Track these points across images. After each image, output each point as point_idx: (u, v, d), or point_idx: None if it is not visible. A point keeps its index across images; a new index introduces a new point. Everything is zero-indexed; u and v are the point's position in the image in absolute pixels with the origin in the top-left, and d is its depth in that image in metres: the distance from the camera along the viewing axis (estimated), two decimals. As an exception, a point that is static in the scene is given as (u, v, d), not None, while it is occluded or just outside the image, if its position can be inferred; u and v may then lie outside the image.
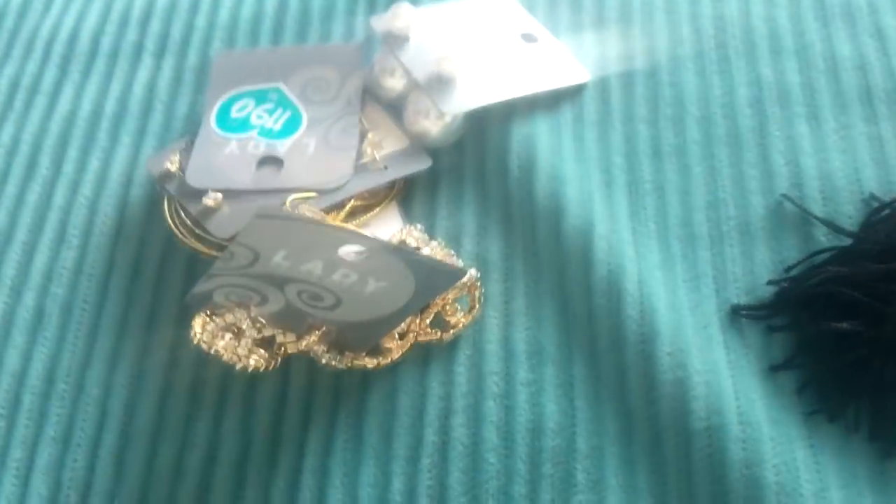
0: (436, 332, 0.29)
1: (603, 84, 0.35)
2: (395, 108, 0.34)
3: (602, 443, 0.28)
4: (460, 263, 0.30)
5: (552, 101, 0.34)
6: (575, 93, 0.34)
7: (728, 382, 0.27)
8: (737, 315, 0.29)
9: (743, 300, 0.30)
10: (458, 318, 0.30)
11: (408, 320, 0.29)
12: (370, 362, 0.29)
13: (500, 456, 0.28)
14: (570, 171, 0.32)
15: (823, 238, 0.30)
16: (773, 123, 0.33)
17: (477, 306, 0.30)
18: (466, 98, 0.32)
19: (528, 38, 0.36)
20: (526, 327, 0.30)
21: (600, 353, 0.29)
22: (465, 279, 0.29)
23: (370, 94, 0.35)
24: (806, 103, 0.33)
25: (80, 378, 0.30)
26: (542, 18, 0.37)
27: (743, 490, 0.26)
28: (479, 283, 0.30)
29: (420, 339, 0.29)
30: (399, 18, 0.33)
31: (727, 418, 0.27)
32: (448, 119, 0.32)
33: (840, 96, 0.33)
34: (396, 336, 0.29)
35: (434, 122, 0.32)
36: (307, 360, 0.30)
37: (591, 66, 0.35)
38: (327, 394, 0.29)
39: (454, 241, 0.32)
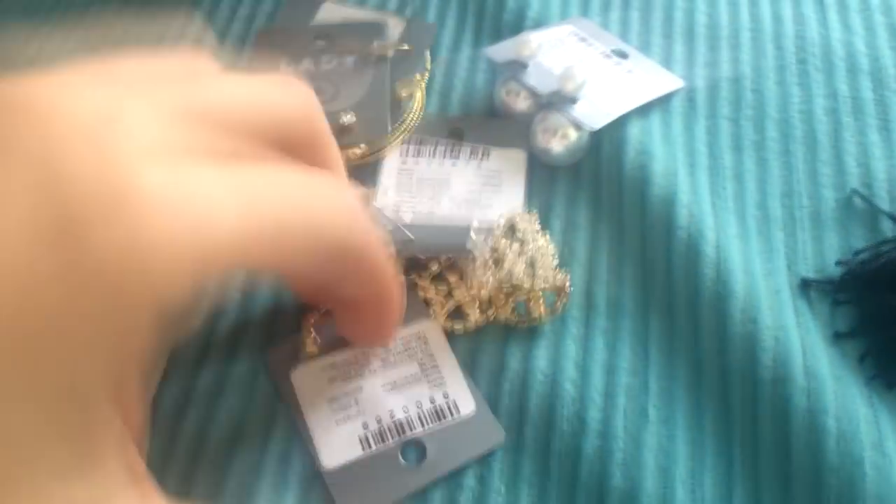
0: (517, 316, 0.31)
1: (689, 85, 0.38)
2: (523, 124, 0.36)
3: (672, 386, 0.30)
4: (559, 275, 0.32)
5: (642, 95, 0.37)
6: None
7: (796, 340, 0.29)
8: (806, 287, 0.32)
9: (812, 276, 0.32)
10: (542, 312, 0.31)
11: (491, 297, 0.31)
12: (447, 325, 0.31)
13: (577, 386, 0.30)
14: (658, 149, 0.35)
15: (888, 231, 0.33)
16: (847, 131, 0.36)
17: (560, 309, 0.31)
18: (592, 115, 0.35)
19: (620, 53, 0.39)
20: (607, 283, 0.32)
21: (676, 307, 0.31)
22: (556, 282, 0.31)
23: (496, 115, 0.37)
24: (878, 116, 0.36)
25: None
26: (627, 38, 0.40)
27: (805, 434, 0.27)
28: (568, 288, 0.31)
29: (500, 317, 0.31)
30: (526, 47, 0.36)
31: (793, 371, 0.29)
32: (574, 138, 0.35)
33: (910, 114, 0.36)
34: (478, 304, 0.32)
35: (560, 141, 0.35)
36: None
37: (678, 75, 0.38)
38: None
39: (546, 207, 0.34)
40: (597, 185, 0.35)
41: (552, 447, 0.29)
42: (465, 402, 0.30)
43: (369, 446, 0.28)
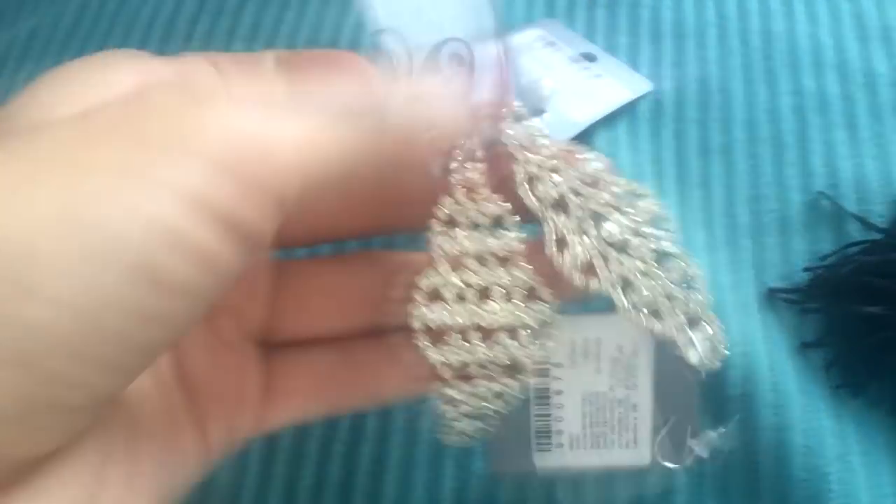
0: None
1: (656, 88, 0.37)
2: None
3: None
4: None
5: (609, 99, 0.37)
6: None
7: (763, 355, 0.30)
8: (773, 297, 0.32)
9: (779, 284, 0.32)
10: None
11: None
12: None
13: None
14: (625, 160, 0.35)
15: (856, 233, 0.33)
16: (813, 129, 0.36)
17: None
18: (560, 128, 0.35)
19: (588, 56, 0.38)
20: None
21: (645, 324, 0.32)
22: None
23: None
24: (844, 113, 0.36)
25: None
26: (594, 38, 0.40)
27: (773, 450, 0.28)
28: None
29: None
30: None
31: (761, 386, 0.29)
32: None
33: (876, 108, 0.36)
34: None
35: None
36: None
37: (646, 76, 0.38)
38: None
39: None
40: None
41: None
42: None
43: None
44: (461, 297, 0.22)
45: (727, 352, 0.22)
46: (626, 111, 0.36)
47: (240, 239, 0.16)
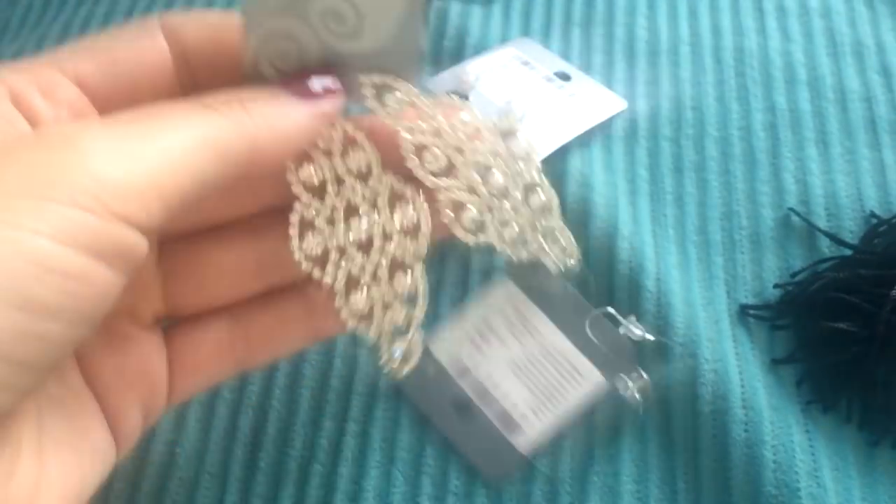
0: None
1: (630, 106, 0.38)
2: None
3: (617, 423, 0.31)
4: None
5: (584, 118, 0.37)
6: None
7: (734, 372, 0.30)
8: (745, 314, 0.32)
9: (751, 301, 0.33)
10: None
11: None
12: None
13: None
14: (599, 179, 0.35)
15: (826, 249, 0.33)
16: (785, 146, 0.36)
17: None
18: (537, 145, 0.35)
19: (563, 76, 0.39)
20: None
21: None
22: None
23: None
24: (816, 129, 0.36)
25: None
26: (569, 56, 0.40)
27: (744, 466, 0.29)
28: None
29: None
30: (464, 80, 0.36)
31: (732, 403, 0.30)
32: None
33: (847, 124, 0.36)
34: None
35: None
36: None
37: (620, 94, 0.38)
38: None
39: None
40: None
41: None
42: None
43: None
44: (331, 221, 0.24)
45: (578, 257, 0.25)
46: (601, 129, 0.37)
47: (109, 261, 0.18)
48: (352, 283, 0.25)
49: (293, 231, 0.24)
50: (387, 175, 0.25)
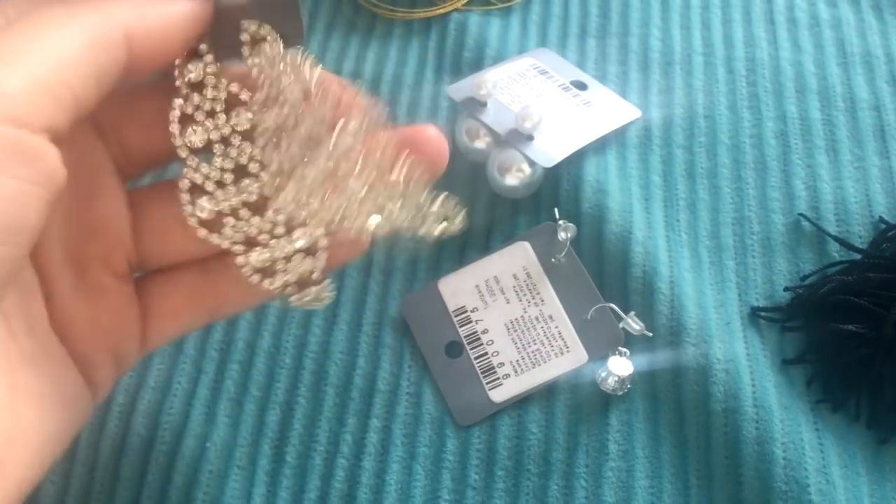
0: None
1: (644, 115, 0.39)
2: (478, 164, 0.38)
3: (631, 419, 0.32)
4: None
5: (599, 126, 0.38)
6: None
7: (745, 372, 0.31)
8: (756, 316, 0.33)
9: (762, 304, 0.34)
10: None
11: None
12: None
13: (542, 427, 0.32)
14: (613, 185, 0.36)
15: (836, 253, 0.34)
16: (796, 153, 0.37)
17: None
18: (548, 152, 0.36)
19: (579, 85, 0.40)
20: (568, 318, 0.34)
21: (632, 343, 0.33)
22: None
23: (457, 152, 0.38)
24: (826, 137, 0.37)
25: (180, 341, 0.35)
26: (585, 66, 0.41)
27: (754, 463, 0.30)
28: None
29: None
30: (483, 87, 0.38)
31: (743, 402, 0.30)
32: (528, 172, 0.36)
33: (856, 133, 0.37)
34: None
35: (515, 176, 0.36)
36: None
37: (635, 103, 0.39)
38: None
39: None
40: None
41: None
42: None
43: None
44: (220, 183, 0.25)
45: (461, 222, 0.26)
46: (616, 137, 0.38)
47: (14, 171, 0.19)
48: (250, 243, 0.25)
49: (183, 196, 0.25)
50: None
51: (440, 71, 0.42)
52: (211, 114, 0.25)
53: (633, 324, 0.32)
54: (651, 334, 0.33)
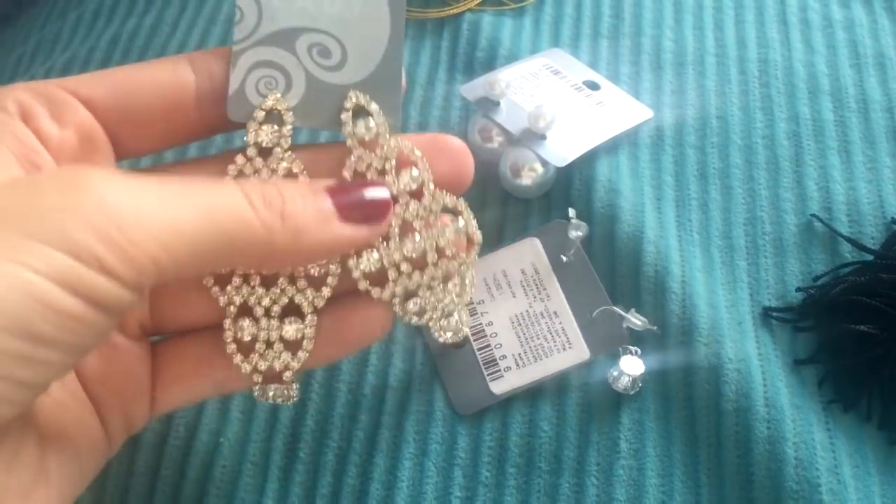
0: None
1: (656, 115, 0.39)
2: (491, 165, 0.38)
3: (643, 418, 0.32)
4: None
5: (612, 126, 0.39)
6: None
7: (757, 371, 0.31)
8: (768, 316, 0.33)
9: (774, 304, 0.34)
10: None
11: None
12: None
13: (553, 425, 0.32)
14: (625, 185, 0.36)
15: (848, 254, 0.34)
16: (808, 154, 0.37)
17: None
18: (560, 151, 0.36)
19: (591, 85, 0.40)
20: (580, 318, 0.34)
21: (644, 345, 0.33)
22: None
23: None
24: (838, 138, 0.37)
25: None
26: (597, 66, 0.42)
27: (765, 462, 0.30)
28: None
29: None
30: (496, 87, 0.38)
31: (754, 401, 0.31)
32: (541, 171, 0.36)
33: (869, 134, 0.37)
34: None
35: (527, 176, 0.36)
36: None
37: (647, 104, 0.40)
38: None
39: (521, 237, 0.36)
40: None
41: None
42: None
43: None
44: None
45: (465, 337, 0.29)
46: (628, 137, 0.38)
47: (101, 307, 0.20)
48: (245, 311, 0.27)
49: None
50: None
51: (453, 70, 0.42)
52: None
53: (635, 320, 0.33)
54: (656, 328, 0.33)
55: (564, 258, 0.35)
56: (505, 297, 0.35)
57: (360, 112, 0.27)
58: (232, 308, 0.27)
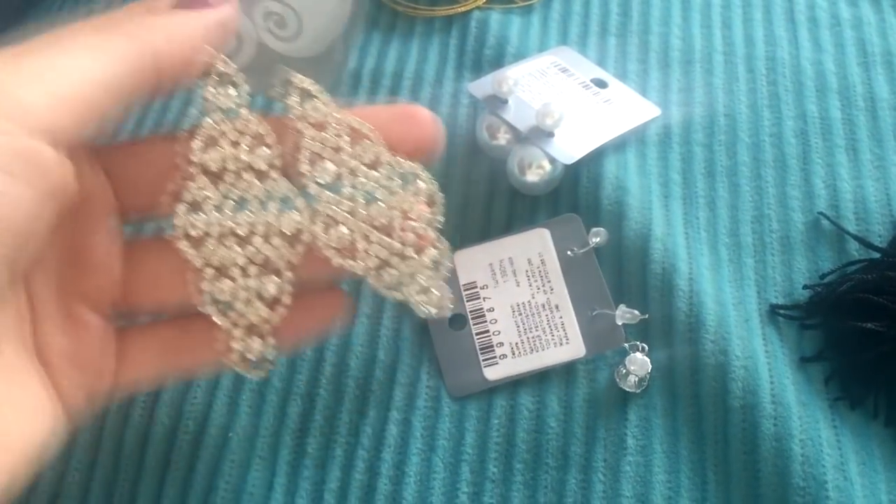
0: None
1: (664, 113, 0.39)
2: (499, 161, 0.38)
3: (649, 415, 0.32)
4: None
5: (619, 123, 0.39)
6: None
7: (764, 368, 0.31)
8: (775, 313, 0.33)
9: (781, 301, 0.34)
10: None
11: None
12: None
13: (560, 421, 0.32)
14: (633, 182, 0.36)
15: (855, 252, 0.34)
16: (815, 152, 0.37)
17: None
18: (568, 149, 0.36)
19: (599, 83, 0.40)
20: (587, 314, 0.34)
21: (652, 341, 0.33)
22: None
23: (478, 149, 0.39)
24: (846, 136, 0.38)
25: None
26: (605, 64, 0.42)
27: (772, 459, 0.30)
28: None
29: None
30: (504, 85, 0.38)
31: (761, 398, 0.31)
32: (548, 169, 0.36)
33: (877, 132, 0.38)
34: None
35: (535, 173, 0.36)
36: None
37: (654, 102, 0.40)
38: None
39: (527, 238, 0.36)
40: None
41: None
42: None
43: None
44: (219, 207, 0.26)
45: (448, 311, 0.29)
46: (636, 135, 0.38)
47: (27, 178, 0.20)
48: (222, 271, 0.27)
49: (181, 207, 0.26)
50: (283, 179, 0.27)
51: (461, 68, 0.42)
52: (234, 144, 0.26)
53: (627, 314, 0.33)
54: (647, 315, 0.33)
55: (571, 253, 0.35)
56: (509, 284, 0.35)
57: (305, 93, 0.27)
58: (209, 270, 0.27)
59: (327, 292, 0.29)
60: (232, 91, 0.26)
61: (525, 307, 0.34)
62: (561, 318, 0.34)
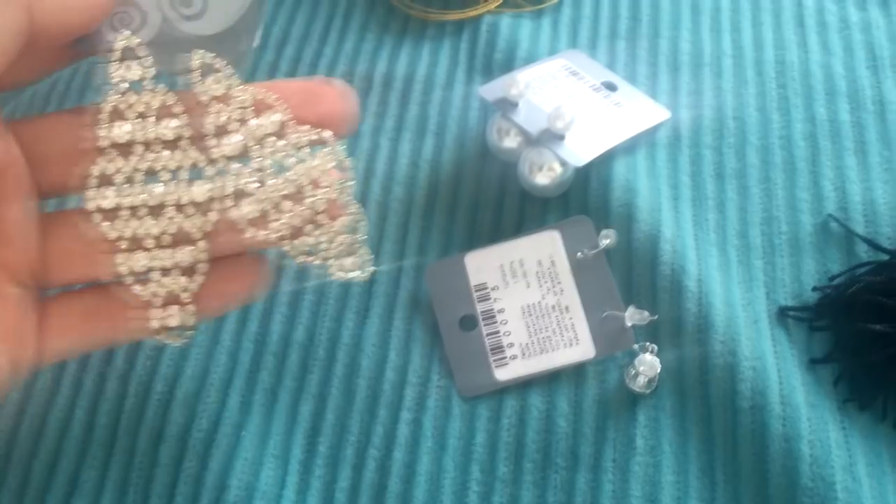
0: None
1: (673, 116, 0.39)
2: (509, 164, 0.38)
3: (659, 415, 0.32)
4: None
5: (629, 126, 0.39)
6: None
7: (773, 369, 0.32)
8: (784, 315, 0.34)
9: (790, 303, 0.34)
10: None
11: None
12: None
13: (570, 421, 0.32)
14: (642, 184, 0.37)
15: (864, 254, 0.35)
16: (825, 155, 0.37)
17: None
18: (579, 151, 0.37)
19: (609, 86, 0.41)
20: (597, 316, 0.35)
21: (660, 342, 0.33)
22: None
23: (489, 152, 0.39)
24: (855, 139, 0.38)
25: (217, 329, 0.36)
26: (615, 68, 0.42)
27: (781, 460, 0.30)
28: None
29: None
30: (515, 87, 0.38)
31: (770, 399, 0.31)
32: (559, 171, 0.37)
33: (885, 135, 0.38)
34: None
35: (546, 175, 0.37)
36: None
37: (664, 105, 0.40)
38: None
39: (537, 240, 0.37)
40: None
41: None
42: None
43: None
44: (130, 180, 0.26)
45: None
46: (645, 138, 0.39)
47: None
48: (136, 243, 0.27)
49: (92, 181, 0.26)
50: (192, 149, 0.27)
51: (472, 72, 0.42)
52: (142, 115, 0.27)
53: (636, 315, 0.33)
54: (657, 317, 0.33)
55: (581, 255, 0.35)
56: (519, 285, 0.35)
57: (207, 69, 0.27)
58: (123, 242, 0.27)
59: (246, 259, 0.29)
60: (136, 66, 0.27)
61: (535, 308, 0.35)
62: (571, 319, 0.34)
